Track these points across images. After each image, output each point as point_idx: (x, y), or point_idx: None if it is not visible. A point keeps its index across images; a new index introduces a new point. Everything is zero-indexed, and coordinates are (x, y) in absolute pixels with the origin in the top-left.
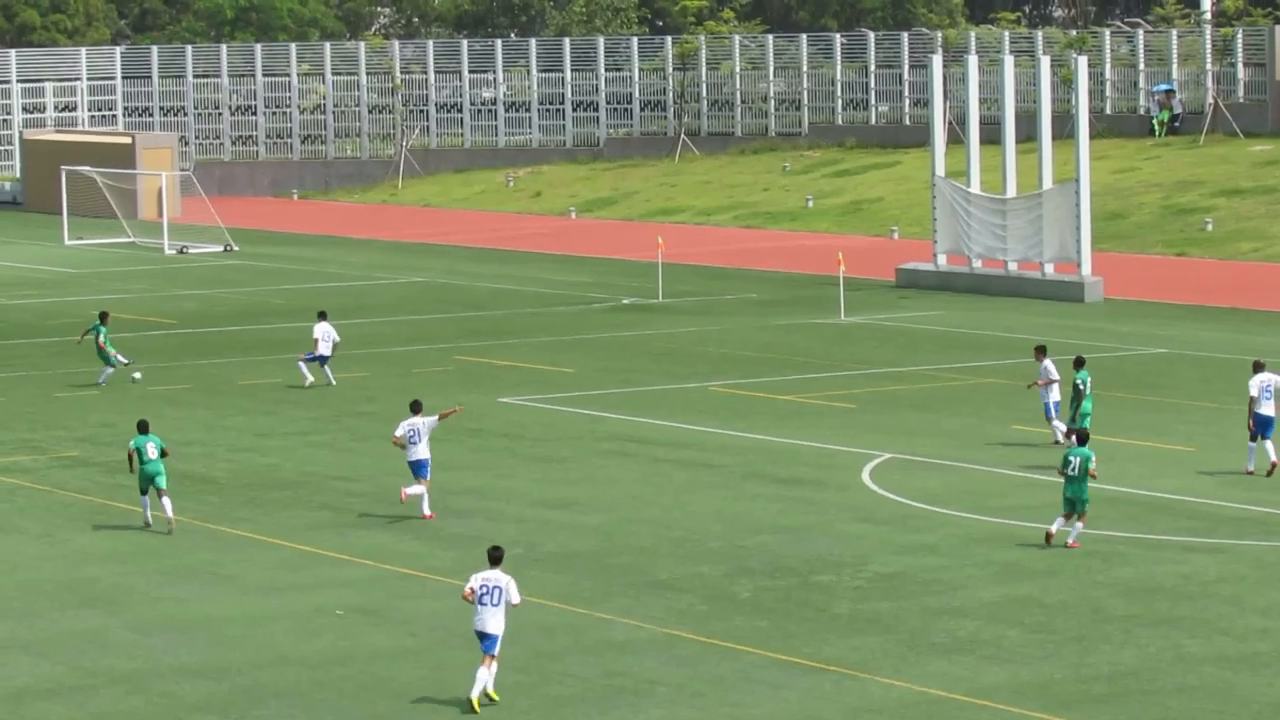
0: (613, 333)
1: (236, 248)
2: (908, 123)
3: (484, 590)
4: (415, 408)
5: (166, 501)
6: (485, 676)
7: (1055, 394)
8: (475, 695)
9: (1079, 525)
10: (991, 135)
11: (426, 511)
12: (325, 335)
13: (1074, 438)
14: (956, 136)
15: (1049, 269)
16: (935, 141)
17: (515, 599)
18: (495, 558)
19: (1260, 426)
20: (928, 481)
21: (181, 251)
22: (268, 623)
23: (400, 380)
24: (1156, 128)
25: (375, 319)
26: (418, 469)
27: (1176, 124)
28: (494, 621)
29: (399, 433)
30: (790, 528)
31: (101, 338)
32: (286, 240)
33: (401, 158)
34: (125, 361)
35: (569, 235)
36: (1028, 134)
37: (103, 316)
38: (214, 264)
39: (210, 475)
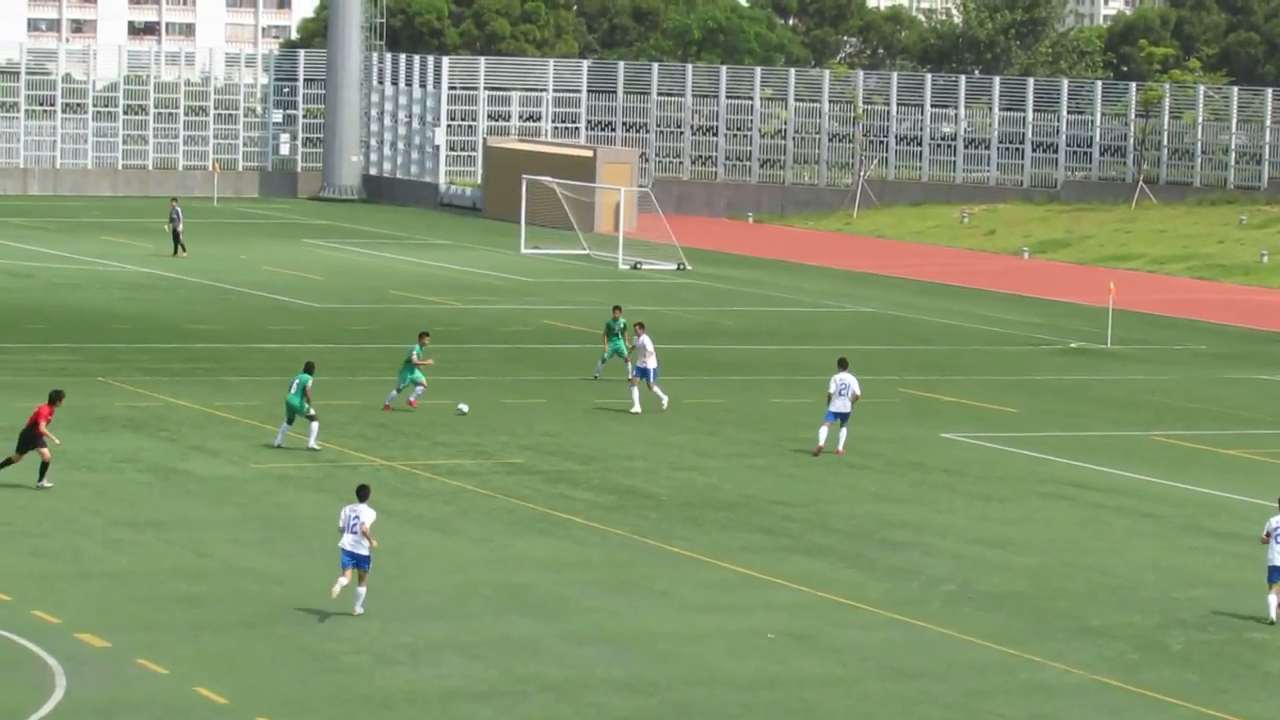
0: (1058, 375)
1: (689, 266)
2: None
3: (350, 520)
4: (362, 494)
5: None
6: (362, 594)
7: None
8: (337, 592)
9: None
10: None
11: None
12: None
13: None
14: None
15: None
16: None
17: (368, 524)
18: (362, 494)
19: None
20: None
21: (635, 267)
22: (699, 641)
23: None
24: None
25: (822, 346)
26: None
27: None
28: (353, 544)
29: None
30: (1226, 583)
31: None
32: (739, 262)
33: (858, 187)
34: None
35: (1020, 275)
36: None
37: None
38: (666, 281)
39: (651, 491)
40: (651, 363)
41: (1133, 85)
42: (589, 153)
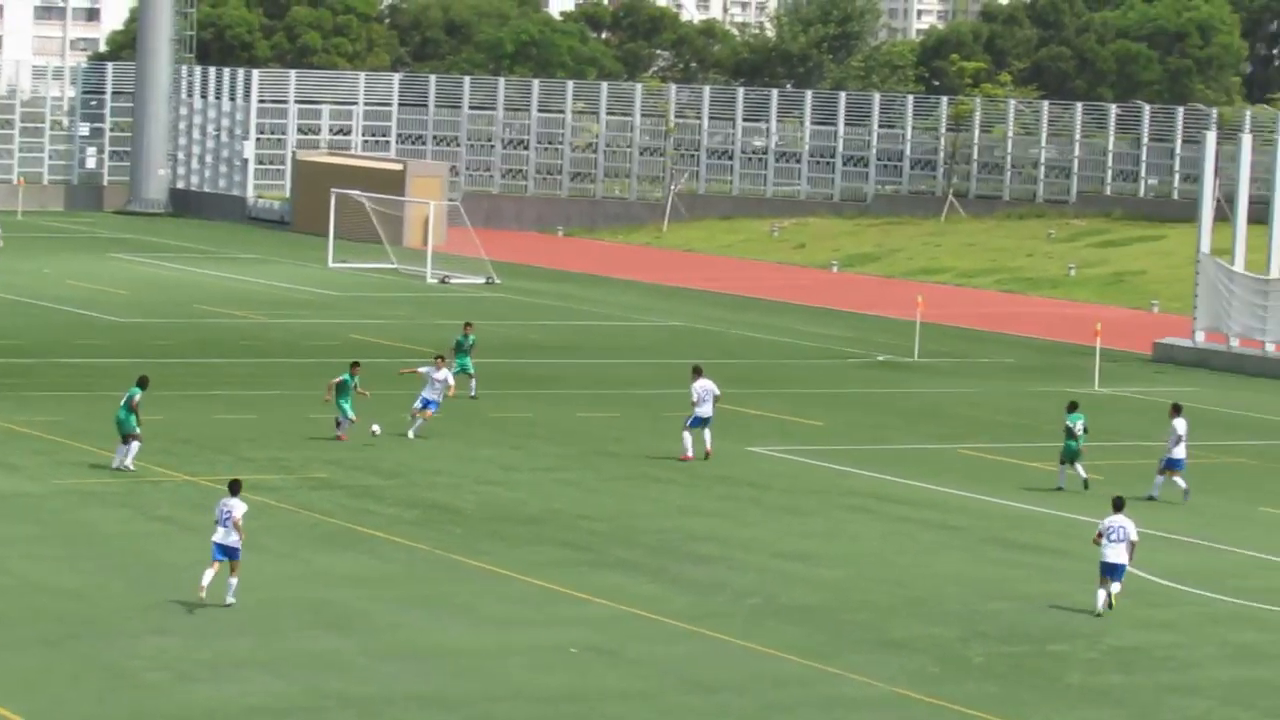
0: (865, 389)
1: (498, 280)
2: (1176, 197)
3: (221, 513)
4: (233, 488)
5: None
6: (234, 584)
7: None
8: (205, 583)
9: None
10: (1259, 215)
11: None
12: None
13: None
14: (1223, 214)
15: None
16: (1203, 218)
17: (239, 516)
18: (233, 488)
19: None
20: (1170, 557)
21: (444, 281)
22: (503, 656)
23: (649, 422)
24: None
25: (630, 360)
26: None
27: None
28: (223, 536)
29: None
30: (1028, 595)
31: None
32: (549, 276)
33: (669, 201)
34: (354, 419)
35: (829, 288)
36: None
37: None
38: (475, 295)
39: (456, 506)
40: (434, 396)
41: (944, 99)
42: (399, 166)
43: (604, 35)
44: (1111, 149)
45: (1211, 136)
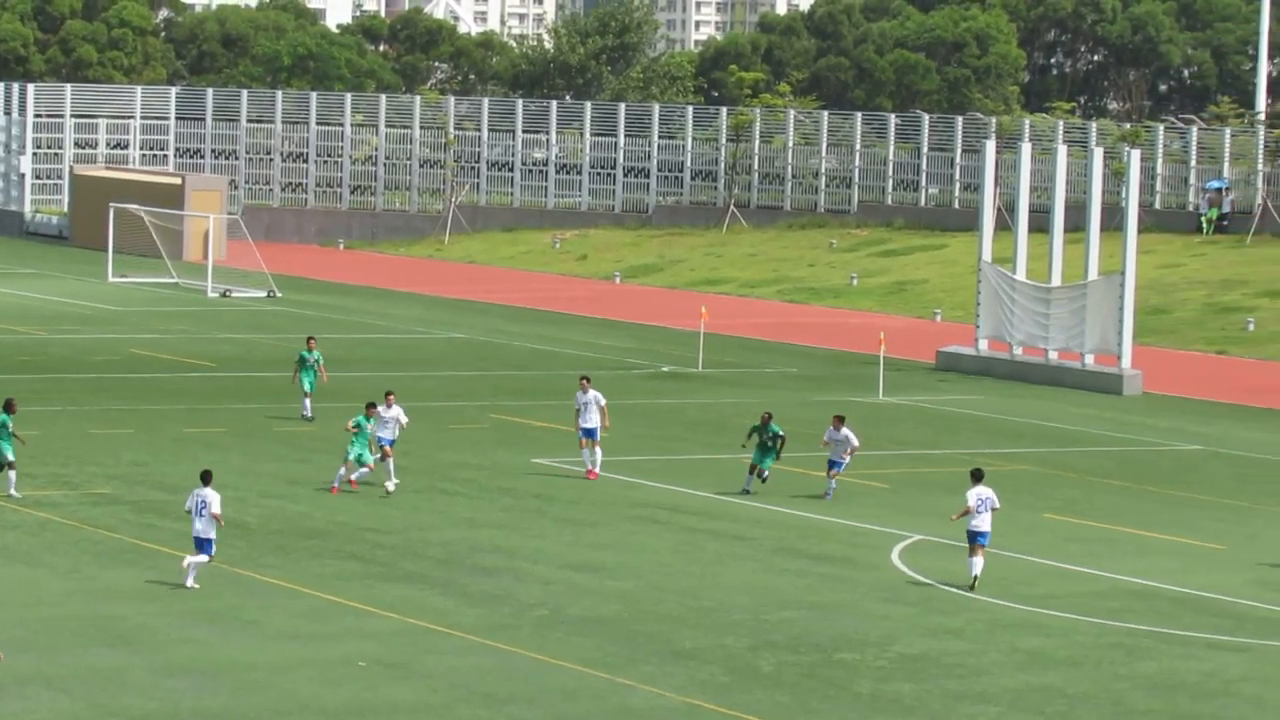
0: (651, 400)
1: (280, 294)
2: (957, 206)
3: (197, 503)
4: (206, 478)
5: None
6: (197, 565)
7: None
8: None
9: None
10: (1039, 223)
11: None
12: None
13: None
14: (1004, 223)
15: (1089, 360)
16: (984, 226)
17: (216, 510)
18: (205, 478)
19: None
20: (957, 565)
21: (224, 295)
22: (290, 670)
23: (436, 435)
24: (1205, 225)
25: (414, 373)
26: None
27: (1225, 223)
28: (204, 528)
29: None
30: (817, 604)
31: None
32: (330, 289)
33: (450, 213)
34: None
35: (612, 300)
36: (1075, 224)
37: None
38: (256, 309)
39: (241, 520)
40: (388, 434)
41: (724, 110)
42: (177, 180)
43: (381, 48)
44: (892, 158)
45: (991, 145)
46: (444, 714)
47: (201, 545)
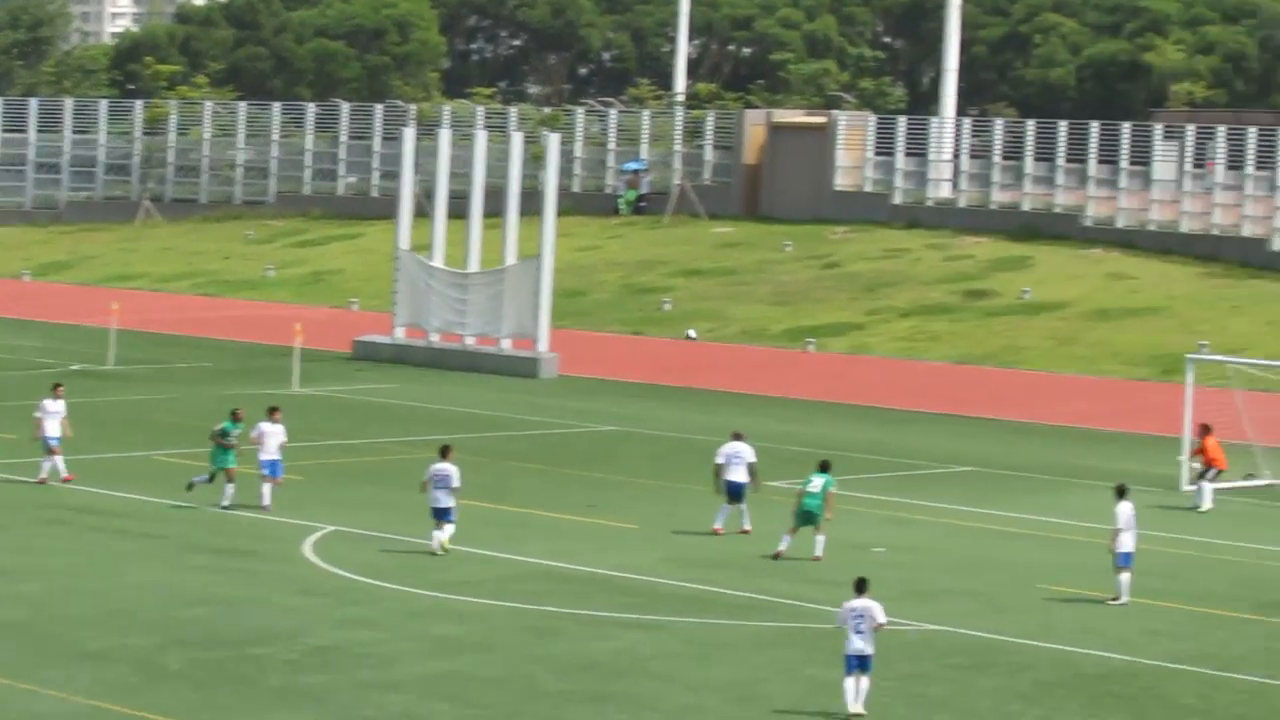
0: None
1: None
2: (375, 194)
3: None
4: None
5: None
6: None
7: None
8: None
9: None
10: (460, 210)
11: None
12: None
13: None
14: (423, 210)
15: (506, 344)
16: (401, 214)
17: None
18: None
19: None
20: (371, 555)
21: None
22: None
23: None
24: (622, 206)
25: None
26: None
27: (643, 204)
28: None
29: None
30: (227, 599)
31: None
32: None
33: None
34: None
35: (21, 299)
36: (496, 209)
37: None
38: None
39: None
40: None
41: (138, 103)
42: None
43: None
44: (310, 148)
45: (410, 132)
46: None
47: None
